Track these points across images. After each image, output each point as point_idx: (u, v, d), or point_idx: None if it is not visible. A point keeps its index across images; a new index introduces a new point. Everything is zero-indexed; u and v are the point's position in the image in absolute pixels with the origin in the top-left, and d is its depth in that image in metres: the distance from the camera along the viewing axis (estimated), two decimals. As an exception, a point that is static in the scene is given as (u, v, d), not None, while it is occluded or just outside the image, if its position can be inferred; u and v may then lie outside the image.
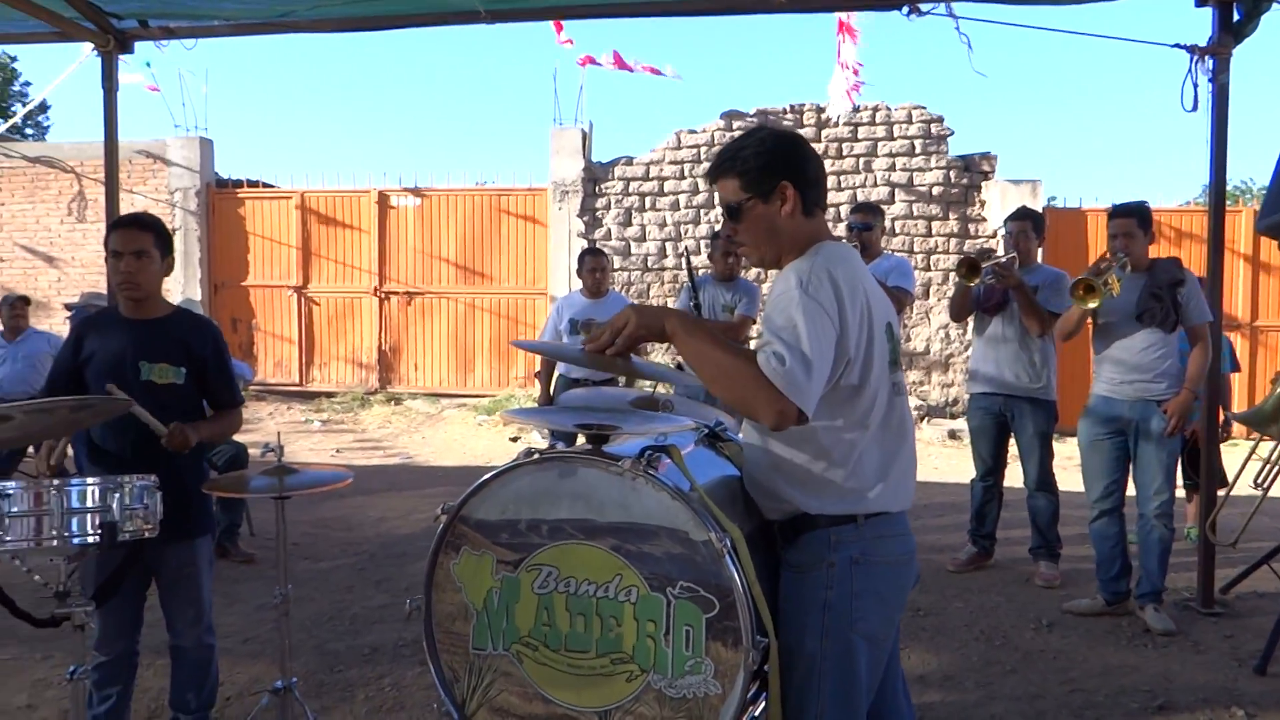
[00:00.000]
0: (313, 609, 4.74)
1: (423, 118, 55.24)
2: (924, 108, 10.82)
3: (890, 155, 10.85)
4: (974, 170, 10.82)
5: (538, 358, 11.21)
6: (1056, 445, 5.42)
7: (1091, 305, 4.43)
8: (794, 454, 2.09)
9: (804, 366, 1.89)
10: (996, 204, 10.42)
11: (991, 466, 5.39)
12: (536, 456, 2.20)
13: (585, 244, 11.05)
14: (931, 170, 10.78)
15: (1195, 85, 4.82)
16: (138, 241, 3.02)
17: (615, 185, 11.50)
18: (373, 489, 7.50)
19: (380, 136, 52.38)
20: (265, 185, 12.75)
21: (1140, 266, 4.54)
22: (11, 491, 2.37)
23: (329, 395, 12.11)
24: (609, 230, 11.52)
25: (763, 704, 2.11)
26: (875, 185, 10.83)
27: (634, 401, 2.88)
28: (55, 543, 2.44)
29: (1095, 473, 4.66)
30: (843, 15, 9.88)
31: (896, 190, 10.85)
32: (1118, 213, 4.61)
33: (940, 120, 10.80)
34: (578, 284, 7.35)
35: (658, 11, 5.93)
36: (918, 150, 10.81)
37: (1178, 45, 4.85)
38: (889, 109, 10.88)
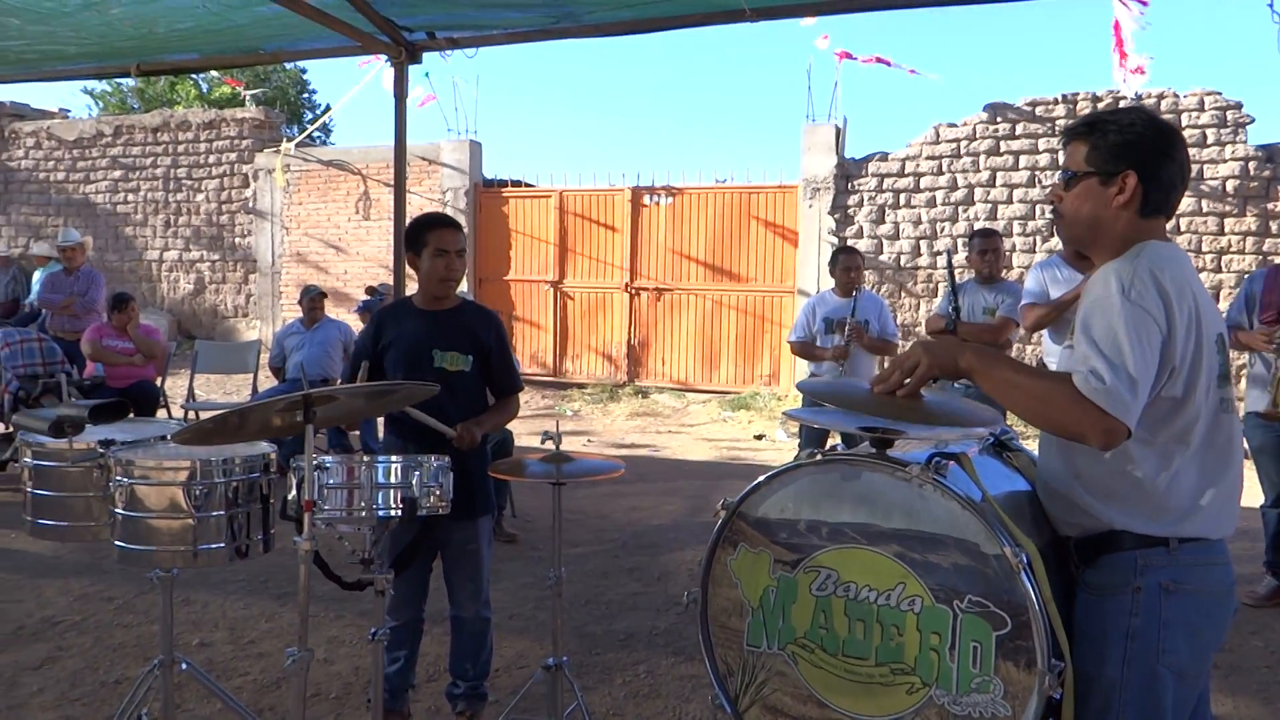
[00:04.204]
0: (570, 592, 4.92)
1: (675, 117, 56.23)
2: (1218, 93, 9.84)
3: (1176, 146, 9.96)
4: (1278, 161, 9.74)
5: (783, 354, 11.17)
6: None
7: None
8: (1100, 465, 1.94)
9: (1128, 381, 1.75)
10: (1304, 199, 9.34)
11: None
12: (819, 457, 2.17)
13: (835, 242, 10.88)
14: (1226, 162, 9.80)
15: None
16: (460, 241, 3.29)
17: (868, 182, 11.24)
18: (622, 479, 7.68)
19: (634, 136, 53.79)
20: (527, 185, 13.41)
21: None
22: (330, 465, 2.61)
23: (580, 386, 12.58)
24: (860, 228, 11.27)
25: (1051, 731, 1.99)
26: (1157, 179, 9.96)
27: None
28: (363, 514, 2.66)
29: None
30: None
31: (1183, 184, 9.94)
32: None
33: (1238, 106, 9.79)
34: (826, 283, 7.24)
35: (921, 3, 5.74)
36: (1210, 140, 9.86)
37: None
38: (1177, 96, 9.99)
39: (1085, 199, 2.01)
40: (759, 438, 10.05)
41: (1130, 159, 1.97)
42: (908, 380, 2.01)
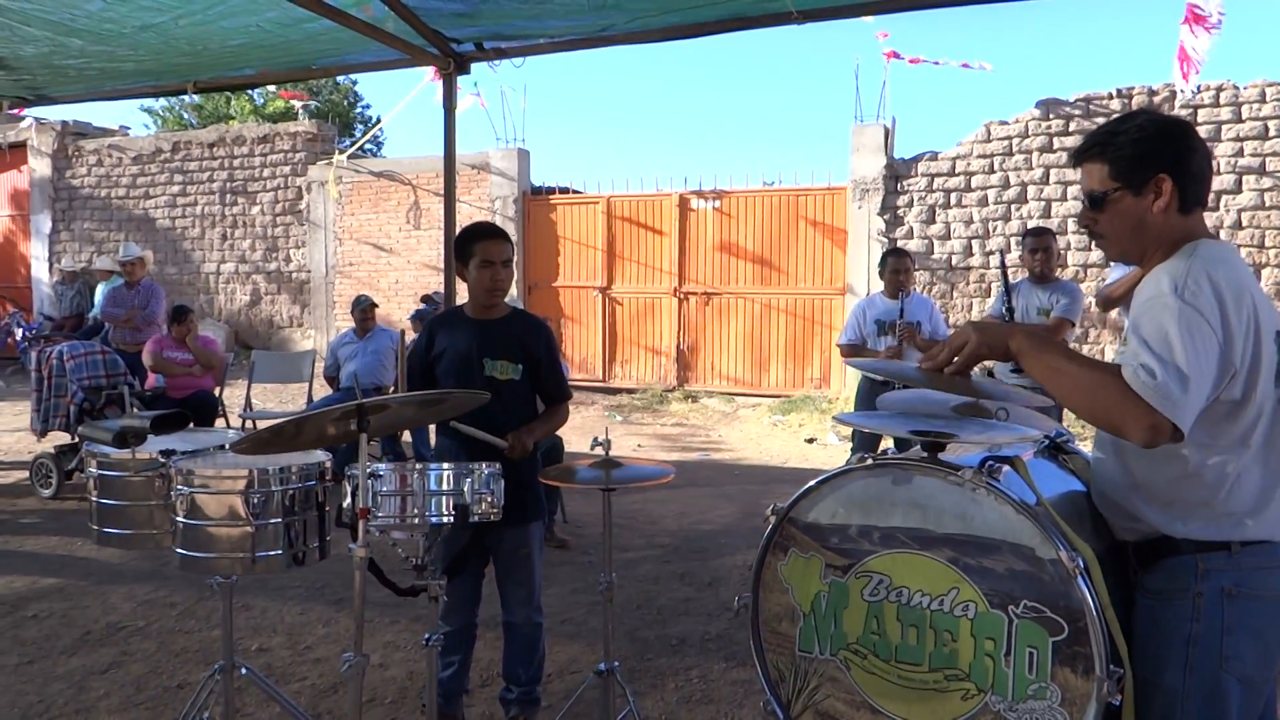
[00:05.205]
0: (621, 597, 4.93)
1: (722, 120, 56.10)
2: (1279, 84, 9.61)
3: (1237, 139, 9.73)
4: (1342, 153, 9.48)
5: (833, 357, 11.09)
6: None
7: None
8: (1158, 472, 1.91)
9: (1179, 380, 1.71)
10: (1372, 191, 9.07)
11: None
12: (870, 462, 2.15)
13: (885, 243, 10.78)
14: (1288, 154, 9.56)
15: None
16: (506, 252, 3.30)
17: (918, 182, 11.13)
18: (673, 484, 7.66)
19: (681, 141, 53.81)
20: (574, 192, 13.48)
21: None
22: (383, 473, 2.65)
23: (630, 391, 12.61)
24: (910, 229, 11.16)
25: (1111, 739, 1.95)
26: (1219, 173, 9.74)
27: (958, 407, 2.76)
28: (416, 521, 2.69)
29: None
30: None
31: (1244, 178, 9.71)
32: None
33: (1300, 97, 9.55)
34: (876, 285, 7.18)
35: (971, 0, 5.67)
36: (1271, 132, 9.61)
37: None
38: (1236, 87, 9.76)
39: (1123, 216, 1.98)
40: (810, 441, 9.99)
41: (1157, 162, 1.94)
42: (956, 358, 2.00)
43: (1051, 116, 10.55)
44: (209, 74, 7.22)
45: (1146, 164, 1.94)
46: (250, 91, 24.06)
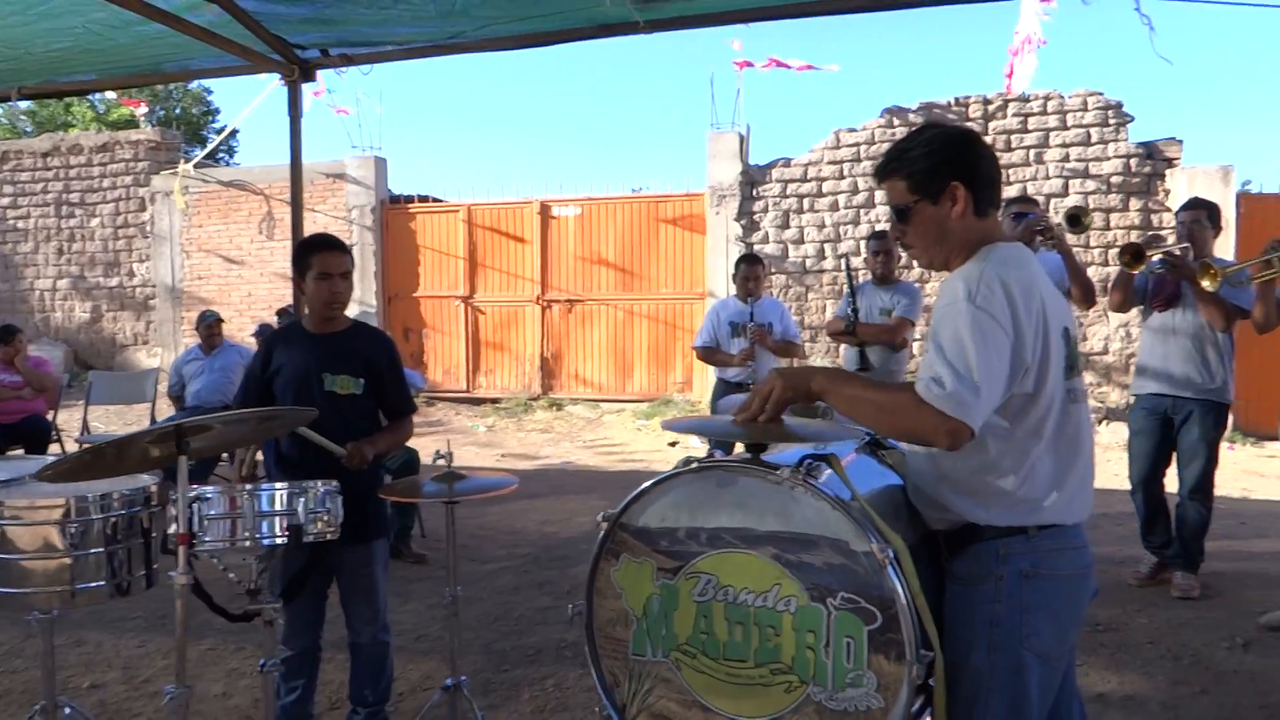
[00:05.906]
0: (480, 609, 4.89)
1: (581, 128, 56.10)
2: (1100, 93, 10.26)
3: (1064, 145, 10.35)
4: (1157, 157, 10.18)
5: (695, 360, 11.26)
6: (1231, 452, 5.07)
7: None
8: (962, 464, 2.02)
9: (970, 384, 1.84)
10: (1183, 192, 9.76)
11: (1149, 474, 5.05)
12: (695, 465, 2.20)
13: (743, 247, 11.02)
14: (1110, 159, 10.21)
15: None
16: (344, 264, 3.22)
17: (773, 188, 11.42)
18: (535, 493, 7.68)
19: (541, 148, 53.56)
20: (434, 200, 13.30)
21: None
22: (210, 496, 2.56)
23: (494, 401, 12.51)
24: (766, 233, 11.44)
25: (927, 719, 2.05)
26: (1047, 177, 10.35)
27: (793, 409, 2.85)
28: (248, 544, 2.62)
29: None
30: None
31: (1070, 181, 10.33)
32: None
33: (1119, 106, 10.22)
34: (734, 289, 7.34)
35: (817, 11, 5.84)
36: (1094, 139, 10.26)
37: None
38: (1062, 97, 10.38)
39: (927, 225, 2.10)
40: (673, 445, 10.10)
41: (949, 171, 2.06)
42: (766, 407, 2.10)
43: (896, 124, 10.97)
44: (35, 79, 6.81)
45: (940, 174, 2.06)
46: (91, 98, 22.84)
